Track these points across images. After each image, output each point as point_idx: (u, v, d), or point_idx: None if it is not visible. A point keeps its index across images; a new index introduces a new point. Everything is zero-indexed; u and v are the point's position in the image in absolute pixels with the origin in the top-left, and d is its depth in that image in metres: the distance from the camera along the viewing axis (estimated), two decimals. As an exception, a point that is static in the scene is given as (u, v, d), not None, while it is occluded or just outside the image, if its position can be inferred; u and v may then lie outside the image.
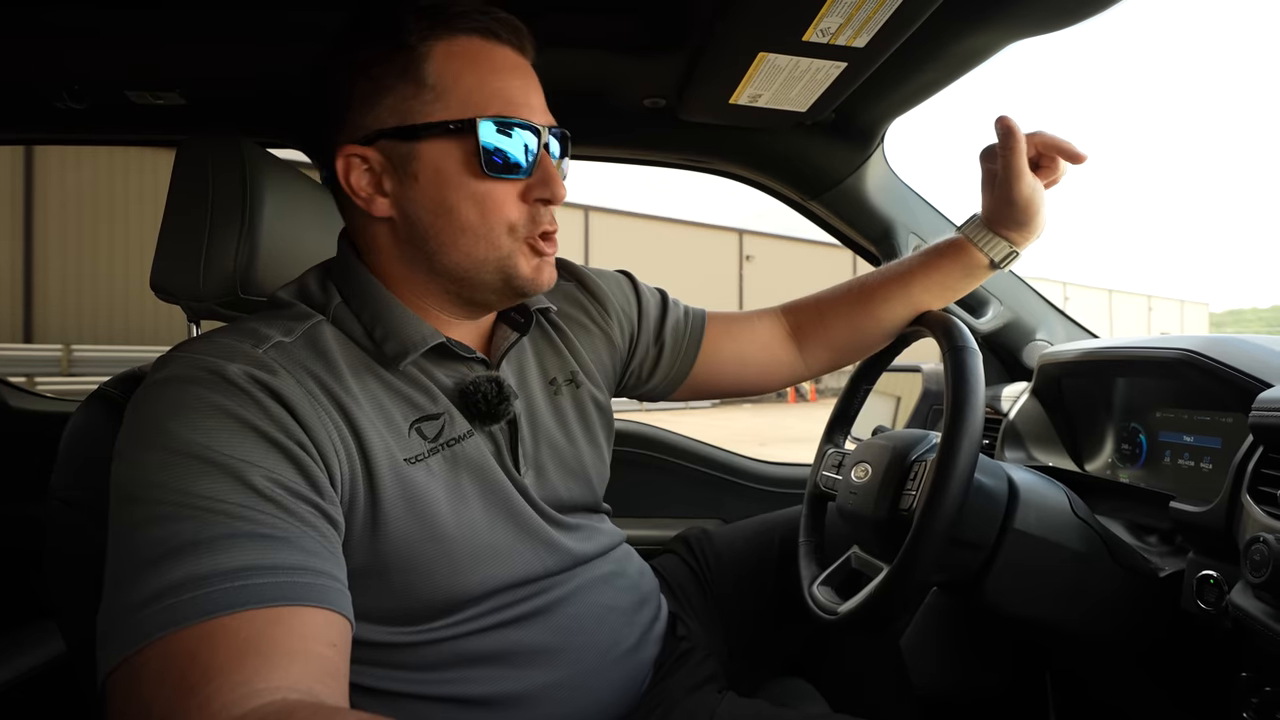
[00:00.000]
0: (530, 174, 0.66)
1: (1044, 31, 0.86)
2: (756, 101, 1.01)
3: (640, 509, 1.47)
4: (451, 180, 0.64)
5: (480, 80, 0.64)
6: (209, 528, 0.48)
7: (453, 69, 0.63)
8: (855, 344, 0.98)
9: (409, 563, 0.62)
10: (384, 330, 0.66)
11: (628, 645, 0.77)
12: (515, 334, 0.76)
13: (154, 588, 0.46)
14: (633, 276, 0.95)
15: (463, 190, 0.64)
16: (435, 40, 0.63)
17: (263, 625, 0.46)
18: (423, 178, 0.64)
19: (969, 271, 0.90)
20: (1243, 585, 0.66)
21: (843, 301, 0.97)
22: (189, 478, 0.50)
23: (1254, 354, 0.77)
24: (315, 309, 0.66)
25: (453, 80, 0.63)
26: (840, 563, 0.87)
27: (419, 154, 0.64)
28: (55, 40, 0.95)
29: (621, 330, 0.89)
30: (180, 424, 0.52)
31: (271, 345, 0.60)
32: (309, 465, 0.55)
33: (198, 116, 1.16)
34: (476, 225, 0.65)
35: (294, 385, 0.58)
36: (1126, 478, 0.95)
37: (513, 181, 0.65)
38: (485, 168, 0.63)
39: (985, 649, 1.09)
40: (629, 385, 0.95)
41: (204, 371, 0.55)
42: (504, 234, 0.66)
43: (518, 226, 0.66)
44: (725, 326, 0.96)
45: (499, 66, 0.65)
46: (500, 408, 0.68)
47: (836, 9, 0.76)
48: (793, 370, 1.00)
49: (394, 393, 0.65)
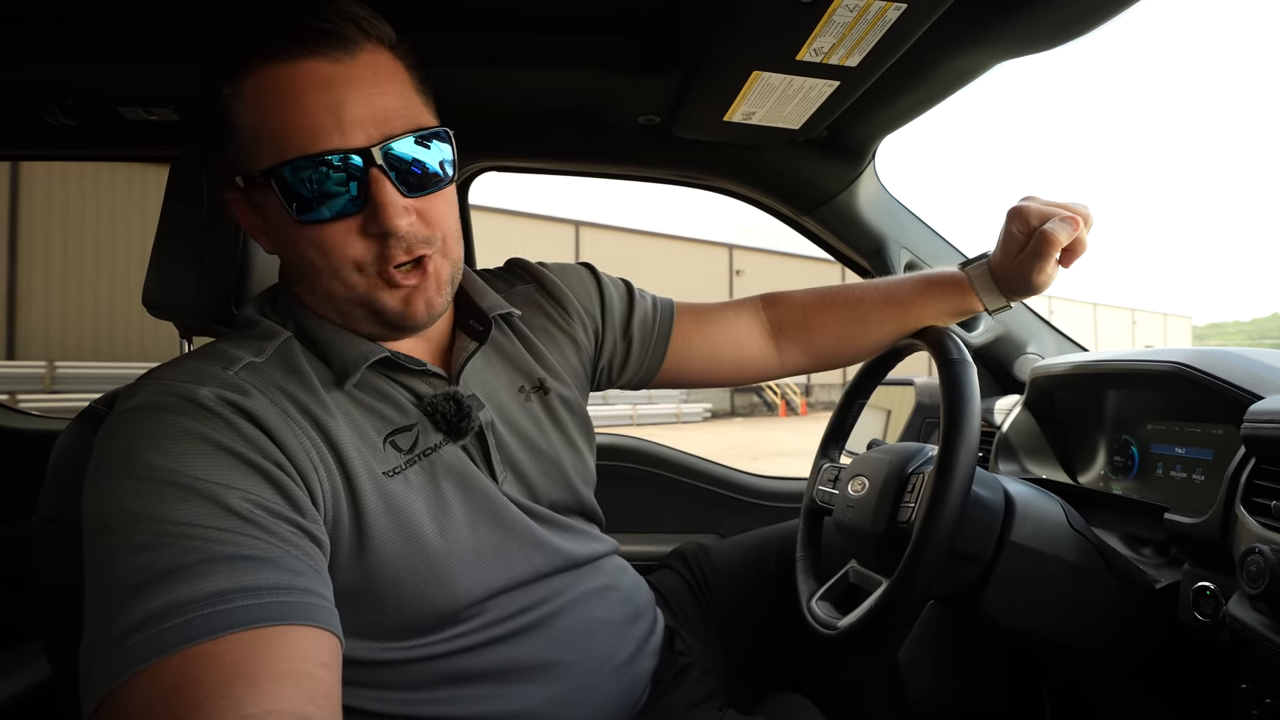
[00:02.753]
0: (363, 206, 0.59)
1: (1032, 51, 0.88)
2: (750, 119, 1.02)
3: (636, 524, 1.46)
4: (285, 226, 0.61)
5: (283, 116, 0.57)
6: (187, 553, 0.47)
7: (259, 107, 0.58)
8: (838, 354, 0.98)
9: (396, 576, 0.61)
10: (324, 351, 0.65)
11: (623, 658, 0.76)
12: (474, 344, 0.73)
13: (135, 618, 0.45)
14: (594, 269, 0.92)
15: (297, 235, 0.60)
16: (246, 77, 0.58)
17: (249, 648, 0.45)
18: (270, 224, 0.63)
19: (962, 311, 0.91)
20: (1239, 596, 0.66)
21: (831, 310, 0.96)
22: (163, 505, 0.49)
23: (1243, 366, 0.78)
24: (282, 324, 0.66)
25: (258, 121, 0.58)
26: (838, 577, 0.86)
27: (258, 201, 0.62)
28: (48, 57, 0.95)
29: (585, 328, 0.87)
30: (152, 451, 0.51)
31: (242, 366, 0.59)
32: (287, 485, 0.54)
33: (190, 132, 1.16)
34: (322, 266, 0.61)
35: (268, 405, 0.57)
36: (1120, 489, 0.96)
37: (342, 220, 0.60)
38: (297, 215, 0.59)
39: (983, 662, 1.09)
40: (602, 381, 0.93)
41: (174, 397, 0.54)
42: (353, 273, 0.62)
43: (365, 264, 0.61)
44: (695, 321, 0.94)
45: (302, 91, 0.57)
46: (461, 424, 0.67)
47: (829, 29, 0.78)
48: (765, 367, 0.99)
49: (364, 408, 0.65)
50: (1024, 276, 0.83)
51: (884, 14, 0.75)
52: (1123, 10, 0.79)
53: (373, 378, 0.66)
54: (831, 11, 0.74)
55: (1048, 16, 0.81)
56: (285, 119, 0.57)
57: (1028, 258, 0.82)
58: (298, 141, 0.57)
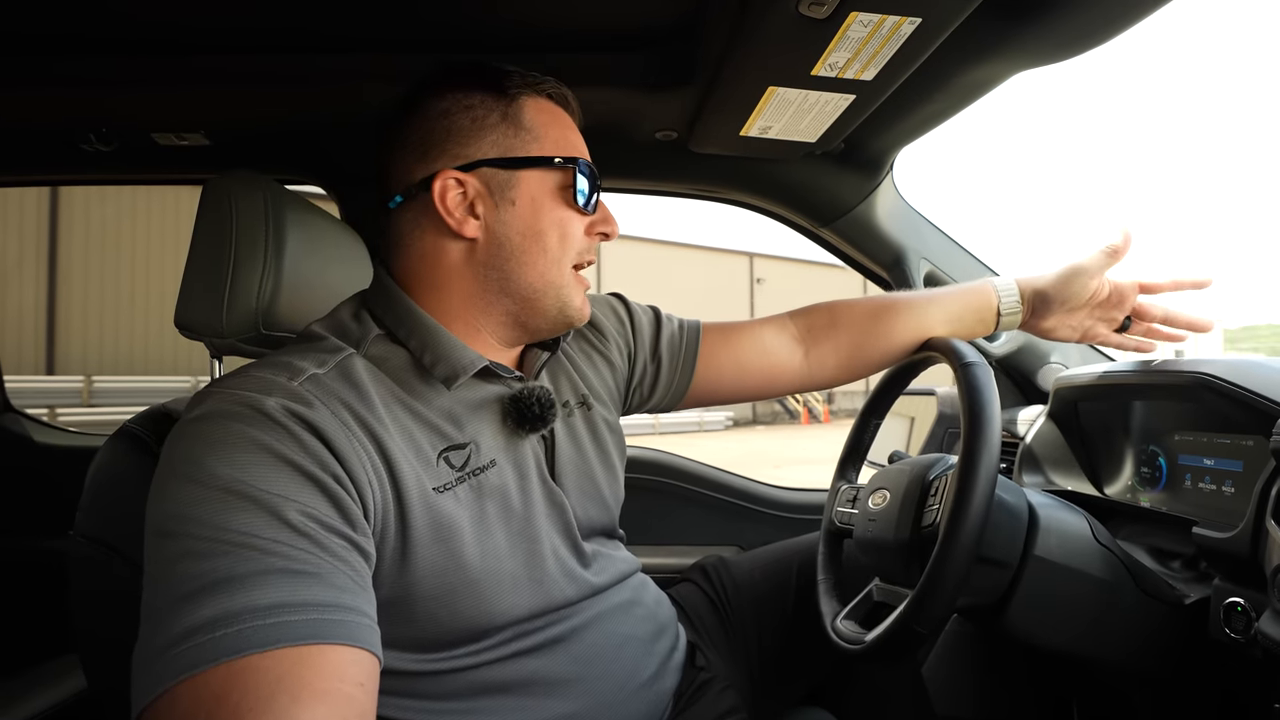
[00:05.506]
0: (595, 211, 0.76)
1: (1048, 62, 0.88)
2: (767, 133, 1.02)
3: (657, 537, 1.46)
4: (544, 206, 0.72)
5: (561, 132, 0.75)
6: (243, 564, 0.49)
7: (542, 119, 0.74)
8: (867, 351, 0.99)
9: (434, 591, 0.62)
10: (433, 355, 0.68)
11: (646, 675, 0.77)
12: (545, 353, 0.80)
13: (186, 625, 0.46)
14: (623, 297, 0.97)
15: (552, 217, 0.72)
16: (527, 96, 0.73)
17: (292, 664, 0.46)
18: (519, 203, 0.71)
19: (981, 308, 0.98)
20: (1271, 613, 0.65)
21: (859, 306, 1.00)
22: (224, 513, 0.50)
23: (1271, 376, 0.76)
24: (349, 343, 0.68)
25: (544, 128, 0.73)
26: (862, 596, 0.85)
27: (519, 182, 0.71)
28: (84, 87, 0.99)
29: (620, 351, 0.91)
30: (216, 459, 0.53)
31: (306, 378, 0.61)
32: (343, 498, 0.56)
33: (221, 156, 1.19)
34: (555, 250, 0.72)
35: (329, 417, 0.59)
36: (1147, 501, 0.94)
37: (584, 216, 0.75)
38: (576, 199, 0.73)
39: (1009, 676, 1.07)
40: (634, 403, 0.96)
41: (241, 406, 0.56)
42: (568, 264, 0.74)
43: (579, 254, 0.75)
44: (722, 336, 0.97)
45: (567, 125, 0.76)
46: (550, 412, 0.73)
47: (844, 45, 0.78)
48: (797, 375, 1.00)
49: (422, 422, 0.66)
50: (1070, 325, 0.99)
51: (899, 28, 0.75)
52: (1141, 19, 0.79)
53: (439, 396, 0.69)
54: (846, 27, 0.75)
55: (1063, 27, 0.81)
56: (564, 135, 0.75)
57: (1096, 323, 1.00)
58: (574, 150, 0.75)
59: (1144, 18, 0.78)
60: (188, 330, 0.80)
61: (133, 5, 0.86)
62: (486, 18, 0.90)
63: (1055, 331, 1.00)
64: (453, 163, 0.70)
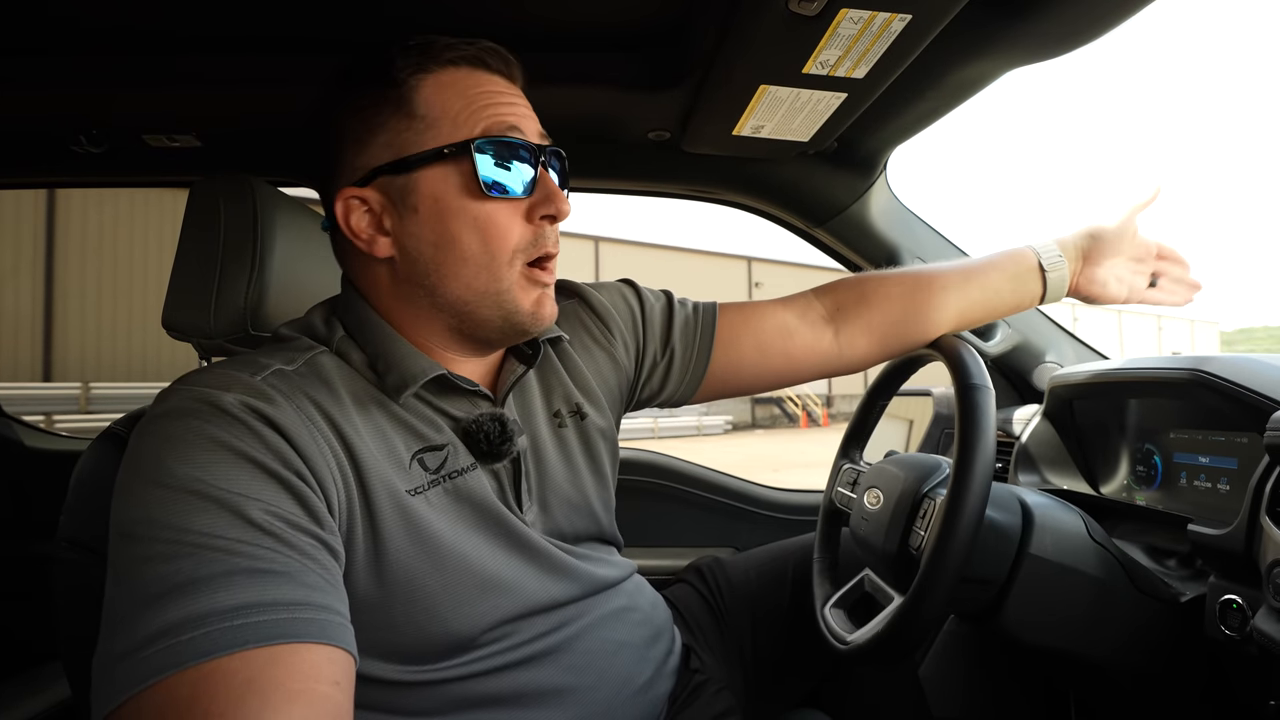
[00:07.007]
0: (531, 192, 0.66)
1: (1040, 59, 0.87)
2: (759, 133, 1.02)
3: (652, 538, 1.46)
4: (451, 207, 0.63)
5: (469, 105, 0.64)
6: (206, 565, 0.47)
7: (441, 98, 0.64)
8: (902, 330, 0.92)
9: (412, 594, 0.61)
10: (385, 363, 0.65)
11: (641, 681, 0.76)
12: (522, 367, 0.74)
13: (152, 629, 0.45)
14: (635, 284, 0.91)
15: (463, 216, 0.63)
16: (424, 74, 0.64)
17: (262, 665, 0.45)
18: (422, 209, 0.64)
19: (1023, 274, 0.94)
20: (1267, 610, 0.64)
21: (891, 281, 0.93)
22: (186, 514, 0.49)
23: (1266, 373, 0.76)
24: (319, 342, 0.66)
25: (442, 109, 0.64)
26: (853, 584, 0.86)
27: (416, 185, 0.63)
28: (73, 88, 0.98)
29: (626, 348, 0.86)
30: (176, 459, 0.51)
31: (271, 372, 0.59)
32: (307, 495, 0.55)
33: (213, 157, 1.19)
34: (478, 254, 0.64)
35: (292, 412, 0.57)
36: (1143, 500, 0.94)
37: (513, 201, 0.65)
38: (484, 189, 0.63)
39: (1007, 678, 1.06)
40: (643, 399, 0.91)
41: (199, 403, 0.55)
42: (505, 263, 0.65)
43: (521, 250, 0.66)
44: (740, 317, 0.90)
45: (487, 91, 0.65)
46: (503, 447, 0.67)
47: (835, 42, 0.78)
48: (824, 358, 0.92)
49: (398, 423, 0.65)
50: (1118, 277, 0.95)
51: (889, 25, 0.75)
52: (1132, 14, 0.79)
53: (411, 398, 0.66)
54: (836, 25, 0.75)
55: (1055, 23, 0.81)
56: (474, 108, 0.64)
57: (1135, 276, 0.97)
58: (486, 126, 0.64)
59: (1135, 13, 0.78)
60: (175, 331, 0.80)
61: (122, 6, 0.86)
62: (475, 17, 0.90)
63: (1107, 286, 0.94)
64: (351, 178, 0.65)
